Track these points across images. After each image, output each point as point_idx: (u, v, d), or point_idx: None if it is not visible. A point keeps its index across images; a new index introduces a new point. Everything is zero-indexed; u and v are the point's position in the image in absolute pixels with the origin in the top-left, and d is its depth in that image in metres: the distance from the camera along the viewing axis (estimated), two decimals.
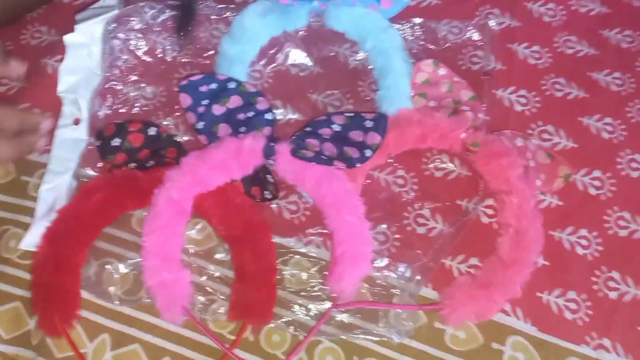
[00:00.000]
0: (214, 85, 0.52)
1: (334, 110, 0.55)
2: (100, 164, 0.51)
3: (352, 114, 0.51)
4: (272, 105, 0.54)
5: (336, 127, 0.50)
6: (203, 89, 0.52)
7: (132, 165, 0.49)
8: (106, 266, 0.47)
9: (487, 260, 0.48)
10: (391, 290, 0.48)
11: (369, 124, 0.50)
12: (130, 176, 0.48)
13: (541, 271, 0.49)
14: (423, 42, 0.57)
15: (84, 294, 0.47)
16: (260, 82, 0.56)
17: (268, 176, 0.49)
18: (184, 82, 0.52)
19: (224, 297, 0.47)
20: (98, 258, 0.48)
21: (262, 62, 0.57)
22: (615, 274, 0.49)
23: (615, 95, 0.57)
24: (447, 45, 0.58)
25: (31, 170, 0.51)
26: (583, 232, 0.51)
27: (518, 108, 0.56)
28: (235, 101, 0.51)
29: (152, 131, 0.51)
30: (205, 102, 0.51)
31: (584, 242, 0.50)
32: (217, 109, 0.51)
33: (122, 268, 0.47)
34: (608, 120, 0.56)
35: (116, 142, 0.50)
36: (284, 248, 0.49)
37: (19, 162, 0.51)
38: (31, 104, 0.54)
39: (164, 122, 0.53)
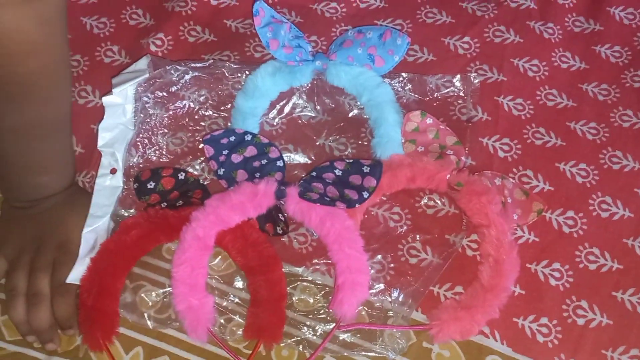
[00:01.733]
0: (232, 138, 0.60)
1: (339, 154, 0.63)
2: (134, 206, 0.59)
3: (351, 160, 0.58)
4: (284, 150, 0.62)
5: (338, 172, 0.58)
6: (223, 141, 0.60)
7: (164, 204, 0.58)
8: (141, 294, 0.55)
9: (470, 286, 0.55)
10: (387, 313, 0.55)
11: (366, 169, 0.57)
12: (162, 214, 0.56)
13: (517, 299, 0.56)
14: (412, 94, 0.65)
15: (122, 313, 0.55)
16: (274, 128, 0.64)
17: (279, 215, 0.57)
18: (207, 136, 0.60)
19: (241, 319, 0.55)
20: (133, 281, 0.56)
21: (272, 114, 0.65)
22: (584, 303, 0.56)
23: (591, 143, 0.64)
24: (435, 95, 0.65)
25: None
26: (556, 265, 0.57)
27: (501, 154, 0.63)
28: (251, 151, 0.60)
29: (181, 175, 0.59)
30: (225, 152, 0.60)
31: (556, 274, 0.57)
32: (236, 158, 0.59)
33: (154, 296, 0.55)
34: (582, 166, 0.63)
35: (151, 184, 0.59)
36: (294, 276, 0.56)
37: None
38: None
39: (190, 169, 0.61)
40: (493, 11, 0.72)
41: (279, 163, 0.59)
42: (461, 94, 0.65)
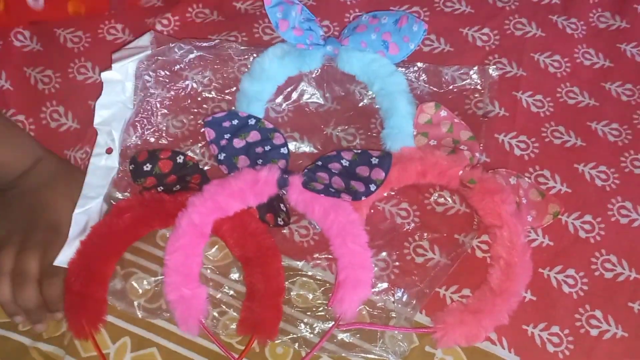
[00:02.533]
0: (235, 122, 0.57)
1: (347, 144, 0.60)
2: (129, 189, 0.56)
3: (359, 151, 0.55)
4: (289, 138, 0.59)
5: (345, 162, 0.55)
6: (226, 124, 0.57)
7: (160, 188, 0.55)
8: (132, 281, 0.53)
9: (478, 289, 0.52)
10: (389, 313, 0.52)
11: (374, 160, 0.54)
12: (158, 198, 0.53)
13: (528, 305, 0.53)
14: (427, 85, 0.62)
15: (110, 300, 0.52)
16: (280, 115, 0.61)
17: (281, 205, 0.54)
18: (209, 118, 0.57)
19: (235, 313, 0.52)
20: (123, 268, 0.53)
21: (279, 100, 0.62)
22: (598, 313, 0.53)
23: (612, 145, 0.61)
24: (450, 88, 0.62)
25: None
26: (571, 271, 0.54)
27: (517, 152, 0.60)
28: (254, 136, 0.57)
29: (179, 159, 0.56)
30: (227, 136, 0.57)
31: (570, 280, 0.54)
32: (238, 143, 0.56)
33: (145, 284, 0.53)
34: (602, 168, 0.60)
35: (147, 167, 0.56)
36: (293, 270, 0.54)
37: None
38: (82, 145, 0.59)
39: (190, 153, 0.59)
40: (514, 3, 0.69)
41: (283, 150, 0.56)
42: (478, 87, 0.62)
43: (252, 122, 0.57)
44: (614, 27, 0.69)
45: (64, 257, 0.52)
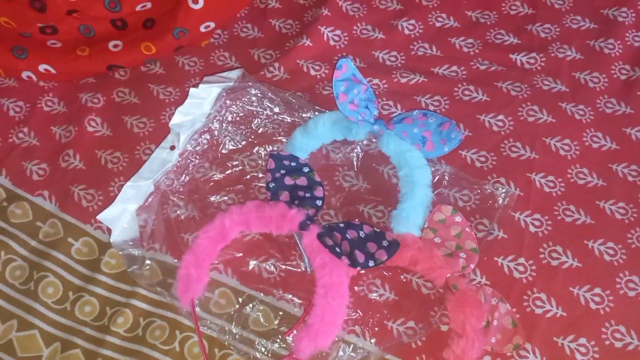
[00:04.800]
0: (293, 163, 0.67)
1: (377, 220, 0.67)
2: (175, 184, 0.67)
3: (378, 230, 0.63)
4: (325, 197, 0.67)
5: (362, 234, 0.62)
6: (285, 161, 0.68)
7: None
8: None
9: None
10: None
11: (385, 243, 0.62)
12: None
13: None
14: (449, 188, 0.69)
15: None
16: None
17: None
18: (275, 152, 0.68)
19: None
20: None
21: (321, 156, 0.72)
22: None
23: (619, 223, 0.67)
24: (468, 196, 0.68)
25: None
26: (582, 340, 0.59)
27: (532, 229, 0.66)
28: (302, 181, 0.67)
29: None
30: (282, 171, 0.67)
31: (582, 349, 0.59)
32: (288, 180, 0.67)
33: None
34: (610, 244, 0.65)
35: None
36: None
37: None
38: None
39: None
40: (526, 92, 0.76)
41: (318, 202, 0.65)
42: (495, 204, 0.68)
43: (305, 169, 0.67)
44: (620, 112, 0.76)
45: (105, 215, 0.64)
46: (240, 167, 0.71)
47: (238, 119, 0.73)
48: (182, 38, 0.76)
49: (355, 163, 0.71)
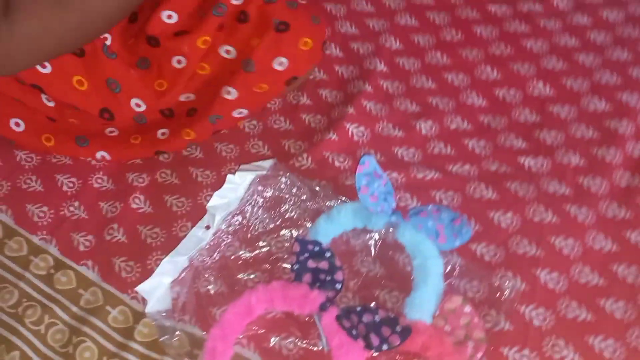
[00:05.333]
0: (317, 248, 0.74)
1: (392, 305, 0.73)
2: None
3: (392, 316, 0.68)
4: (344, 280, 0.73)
5: (377, 318, 0.68)
6: (309, 246, 0.74)
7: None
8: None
9: None
10: None
11: (398, 328, 0.67)
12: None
13: None
14: (459, 279, 0.74)
15: None
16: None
17: None
18: (301, 237, 0.75)
19: None
20: None
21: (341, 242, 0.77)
22: None
23: (618, 322, 0.71)
24: (477, 287, 0.74)
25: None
26: None
27: (536, 323, 0.71)
28: (323, 265, 0.72)
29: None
30: (306, 254, 0.73)
31: None
32: (311, 264, 0.72)
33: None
34: (610, 341, 0.70)
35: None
36: None
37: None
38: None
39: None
40: (533, 193, 0.83)
41: (338, 286, 0.71)
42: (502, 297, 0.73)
43: (328, 254, 0.73)
44: (620, 217, 0.81)
45: (142, 287, 0.70)
46: (268, 248, 0.77)
47: (268, 204, 0.80)
48: (218, 123, 0.84)
49: (373, 250, 0.77)
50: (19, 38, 0.62)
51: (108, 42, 0.80)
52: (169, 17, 0.83)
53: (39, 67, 0.77)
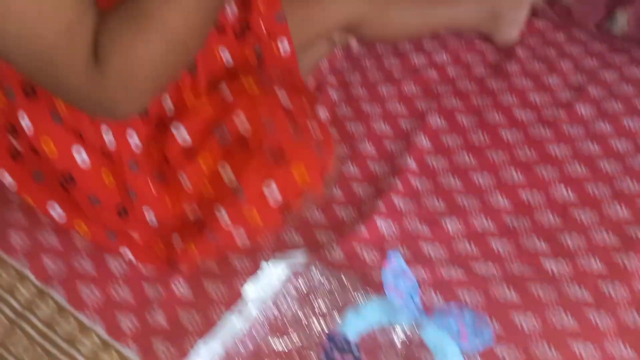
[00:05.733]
0: (344, 342, 0.78)
1: None
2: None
3: None
4: None
5: None
6: (337, 339, 0.78)
7: None
8: None
9: None
10: None
11: None
12: None
13: None
14: None
15: None
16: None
17: None
18: (330, 334, 0.79)
19: None
20: None
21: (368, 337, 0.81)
22: None
23: None
24: None
25: None
26: None
27: None
28: (349, 358, 0.77)
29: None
30: (334, 349, 0.77)
31: None
32: (337, 357, 0.77)
33: None
34: None
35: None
36: None
37: None
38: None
39: None
40: (554, 296, 0.86)
41: None
42: None
43: (354, 349, 0.77)
44: None
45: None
46: (298, 339, 0.81)
47: (300, 294, 0.85)
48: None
49: (398, 347, 0.81)
50: (114, 76, 0.62)
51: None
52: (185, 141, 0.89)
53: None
